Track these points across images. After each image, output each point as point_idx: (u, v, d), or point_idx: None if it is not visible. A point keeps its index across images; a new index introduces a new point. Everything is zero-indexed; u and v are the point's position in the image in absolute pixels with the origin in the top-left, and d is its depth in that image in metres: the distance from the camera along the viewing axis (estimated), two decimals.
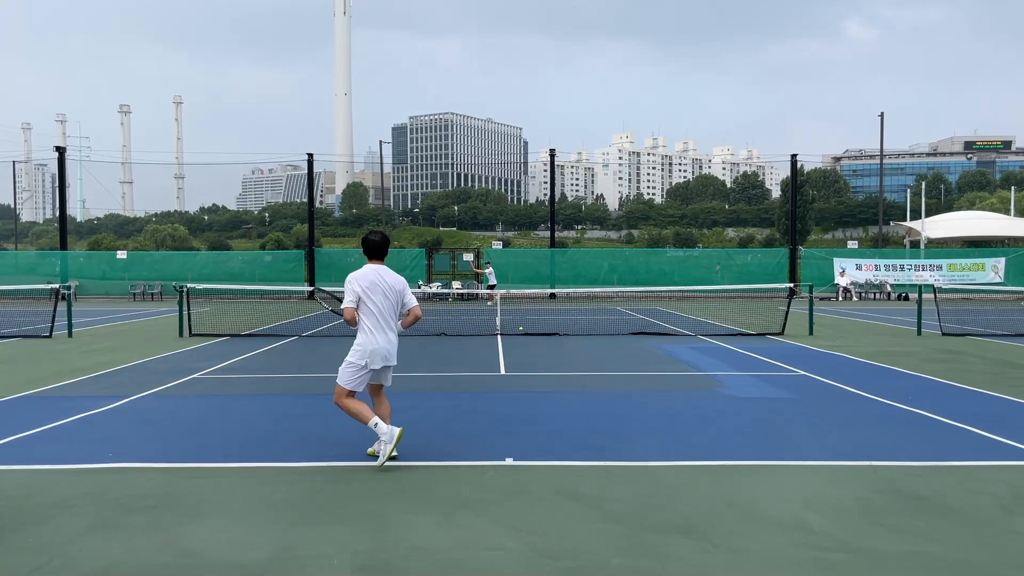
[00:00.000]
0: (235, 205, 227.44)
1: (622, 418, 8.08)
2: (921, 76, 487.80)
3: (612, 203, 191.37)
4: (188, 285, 18.04)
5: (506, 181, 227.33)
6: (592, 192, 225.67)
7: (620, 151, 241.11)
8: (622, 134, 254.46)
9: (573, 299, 31.17)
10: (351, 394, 6.25)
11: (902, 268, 36.78)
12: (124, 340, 16.28)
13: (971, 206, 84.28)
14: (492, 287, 29.42)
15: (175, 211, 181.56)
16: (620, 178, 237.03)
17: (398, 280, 6.36)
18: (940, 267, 36.31)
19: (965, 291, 33.63)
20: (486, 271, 31.51)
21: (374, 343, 6.17)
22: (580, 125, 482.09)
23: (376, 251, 6.39)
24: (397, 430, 6.12)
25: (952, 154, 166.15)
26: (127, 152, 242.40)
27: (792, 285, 24.61)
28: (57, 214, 41.90)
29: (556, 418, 8.08)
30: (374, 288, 6.20)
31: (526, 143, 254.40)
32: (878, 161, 56.70)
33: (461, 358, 13.21)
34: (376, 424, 6.07)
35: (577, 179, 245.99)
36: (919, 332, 16.94)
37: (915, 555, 4.34)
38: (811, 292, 18.75)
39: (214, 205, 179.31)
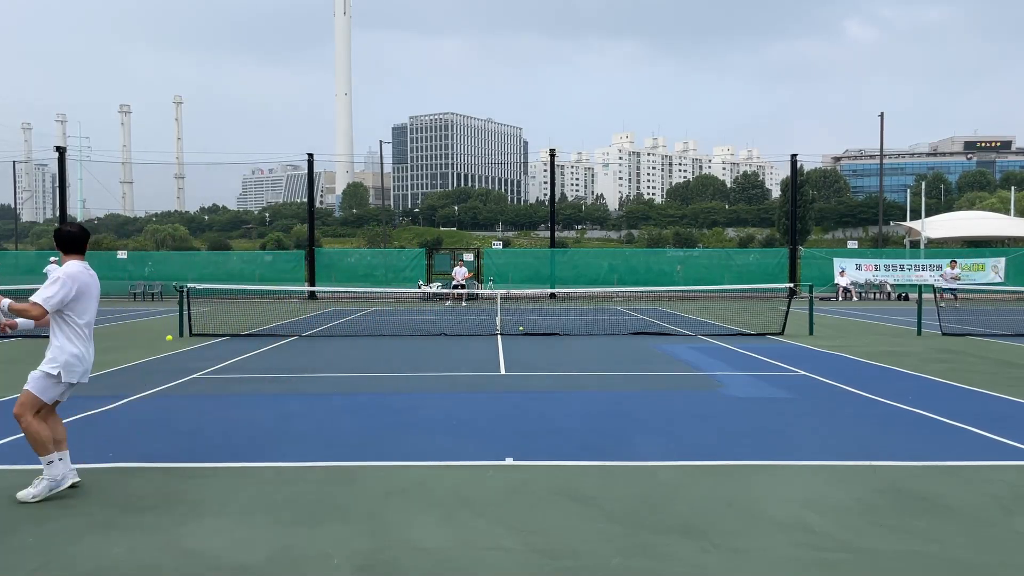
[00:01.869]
0: (235, 205, 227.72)
1: (622, 418, 8.08)
2: (921, 76, 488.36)
3: (612, 203, 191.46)
4: (188, 285, 18.03)
5: (506, 181, 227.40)
6: (592, 192, 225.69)
7: (620, 151, 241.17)
8: (622, 134, 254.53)
9: (573, 299, 31.16)
10: (40, 410, 5.42)
11: (902, 268, 36.77)
12: (124, 340, 16.27)
13: (971, 206, 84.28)
14: (459, 286, 29.37)
15: (175, 211, 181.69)
16: (620, 178, 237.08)
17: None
18: (940, 267, 36.29)
19: (965, 291, 33.61)
20: (457, 270, 31.20)
21: (79, 352, 5.43)
22: (580, 125, 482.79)
23: (77, 244, 5.47)
24: (70, 481, 5.41)
25: (952, 154, 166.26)
26: (127, 152, 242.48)
27: (792, 285, 24.62)
28: (57, 214, 41.88)
29: (556, 418, 8.08)
30: (88, 291, 5.44)
31: (526, 143, 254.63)
32: (878, 161, 56.71)
33: (461, 358, 13.21)
34: (51, 463, 5.31)
35: (577, 179, 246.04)
36: (919, 332, 16.94)
37: (915, 555, 4.34)
38: (811, 292, 18.73)
39: (214, 205, 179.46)
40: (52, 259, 31.43)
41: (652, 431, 7.48)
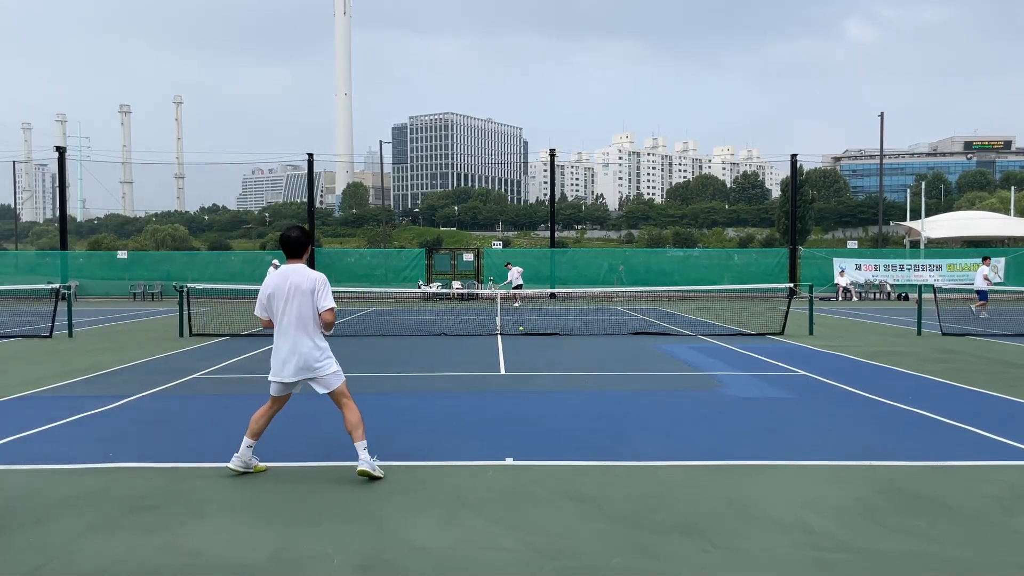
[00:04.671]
0: (235, 205, 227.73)
1: (622, 418, 8.08)
2: (921, 76, 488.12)
3: (612, 203, 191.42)
4: (188, 285, 18.03)
5: (506, 181, 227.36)
6: (592, 192, 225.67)
7: (620, 151, 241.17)
8: (622, 134, 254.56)
9: (573, 299, 31.15)
10: (270, 400, 6.02)
11: (902, 268, 36.78)
12: (124, 340, 16.27)
13: (971, 206, 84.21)
14: (518, 287, 29.14)
15: (175, 211, 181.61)
16: (620, 178, 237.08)
17: (307, 279, 5.68)
18: (940, 267, 36.30)
19: (965, 291, 33.62)
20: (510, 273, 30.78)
21: (276, 351, 5.88)
22: (580, 125, 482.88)
23: (289, 248, 5.80)
24: (232, 461, 5.88)
25: (952, 154, 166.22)
26: (127, 152, 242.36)
27: (792, 285, 24.60)
28: (57, 214, 41.89)
29: (556, 418, 8.08)
30: (278, 292, 5.73)
31: (526, 143, 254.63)
32: (878, 161, 56.71)
33: (461, 358, 13.21)
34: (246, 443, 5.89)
35: (577, 179, 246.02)
36: (919, 332, 16.94)
37: (915, 555, 4.34)
38: (811, 292, 18.73)
39: (214, 205, 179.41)
40: (274, 260, 31.54)
41: (652, 431, 7.48)
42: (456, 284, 34.90)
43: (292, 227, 5.94)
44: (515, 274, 30.04)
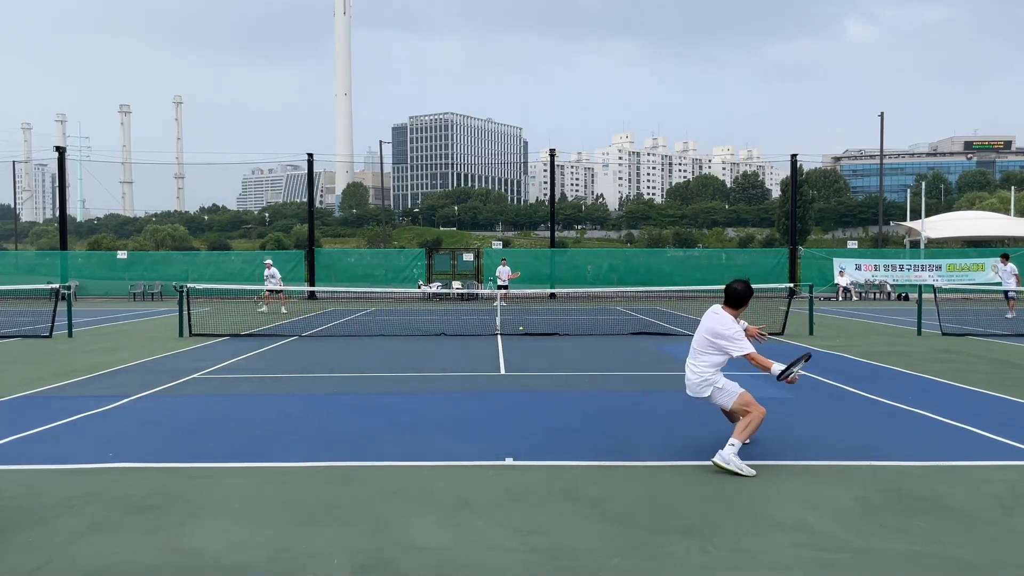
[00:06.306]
0: (235, 205, 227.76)
1: (622, 418, 8.08)
2: (921, 76, 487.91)
3: (612, 203, 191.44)
4: (188, 285, 18.03)
5: (506, 181, 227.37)
6: (592, 192, 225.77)
7: (620, 151, 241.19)
8: (622, 134, 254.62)
9: (573, 299, 31.15)
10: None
11: (902, 268, 36.77)
12: (124, 340, 16.27)
13: (971, 206, 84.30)
14: (503, 287, 29.03)
15: (175, 211, 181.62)
16: (620, 178, 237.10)
17: (712, 319, 6.59)
18: (940, 267, 36.29)
19: (965, 291, 33.62)
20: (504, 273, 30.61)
21: None
22: (580, 125, 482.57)
23: (726, 296, 6.72)
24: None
25: (952, 154, 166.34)
26: (127, 152, 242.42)
27: (792, 285, 24.59)
28: (57, 214, 41.89)
29: (556, 418, 8.08)
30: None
31: (526, 143, 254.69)
32: (878, 161, 56.70)
33: (461, 358, 13.21)
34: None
35: (577, 179, 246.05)
36: (919, 332, 16.93)
37: (915, 555, 4.34)
38: (811, 292, 18.73)
39: (214, 205, 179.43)
40: (267, 260, 30.19)
41: (652, 431, 7.48)
42: (456, 284, 34.91)
43: (738, 280, 6.74)
44: (504, 273, 29.96)
